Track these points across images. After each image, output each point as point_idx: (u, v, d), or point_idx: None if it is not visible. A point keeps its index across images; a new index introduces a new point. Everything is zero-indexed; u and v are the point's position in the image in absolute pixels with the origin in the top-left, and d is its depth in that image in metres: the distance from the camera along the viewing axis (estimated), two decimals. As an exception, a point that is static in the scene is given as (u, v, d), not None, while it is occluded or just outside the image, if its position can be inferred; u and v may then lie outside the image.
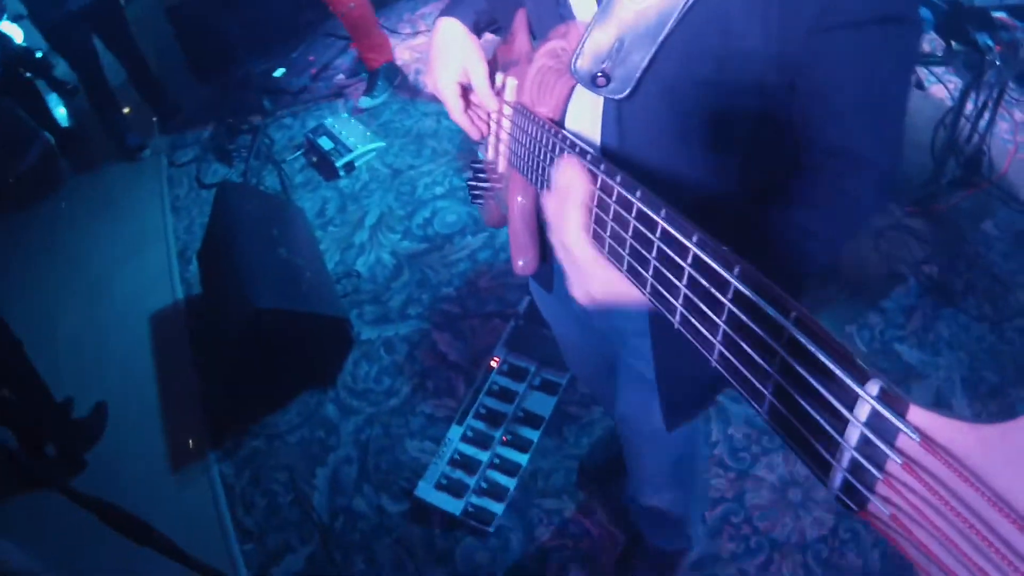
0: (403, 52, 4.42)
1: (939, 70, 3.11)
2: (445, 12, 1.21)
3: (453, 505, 2.40)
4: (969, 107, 2.53)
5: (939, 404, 2.37)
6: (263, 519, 2.49)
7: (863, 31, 0.83)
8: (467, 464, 2.49)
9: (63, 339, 3.32)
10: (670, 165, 1.00)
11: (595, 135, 1.03)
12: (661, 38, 0.87)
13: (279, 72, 4.32)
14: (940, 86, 3.16)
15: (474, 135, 1.26)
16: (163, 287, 3.41)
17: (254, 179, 3.79)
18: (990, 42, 2.11)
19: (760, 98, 0.92)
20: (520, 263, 1.29)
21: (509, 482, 2.43)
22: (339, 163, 3.71)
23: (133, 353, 3.15)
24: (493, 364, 2.74)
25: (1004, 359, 2.44)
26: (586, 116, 1.03)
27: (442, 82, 1.19)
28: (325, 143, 3.80)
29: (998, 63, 2.11)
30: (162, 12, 4.44)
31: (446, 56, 1.19)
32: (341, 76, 4.31)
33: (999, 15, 2.14)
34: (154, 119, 4.45)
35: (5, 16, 4.13)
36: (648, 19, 0.87)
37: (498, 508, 2.37)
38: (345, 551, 2.37)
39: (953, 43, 2.20)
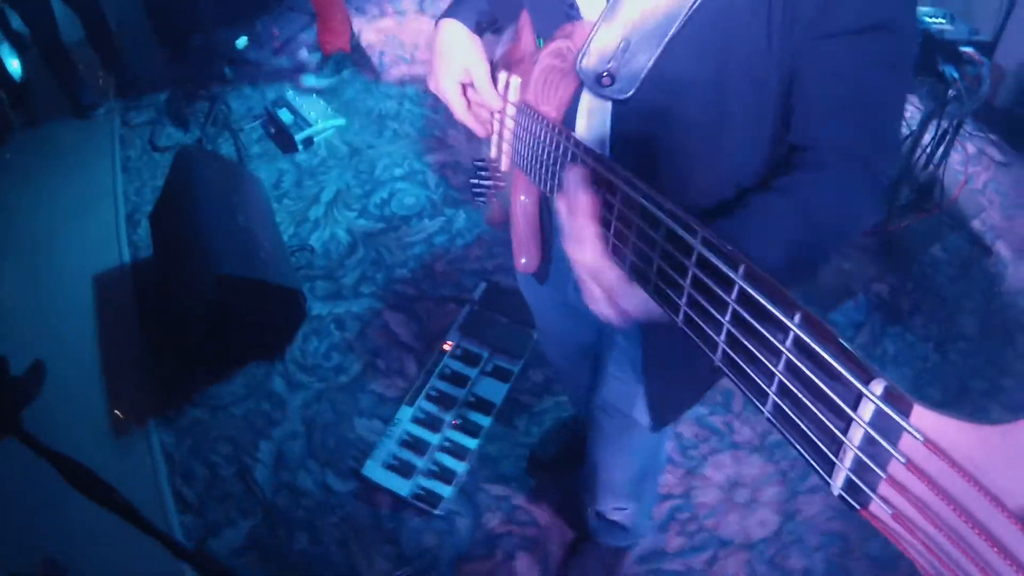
0: (369, 33, 4.37)
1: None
2: (446, 14, 1.21)
3: (401, 486, 2.38)
4: (926, 137, 2.64)
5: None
6: (203, 490, 2.43)
7: (862, 38, 0.85)
8: (417, 445, 2.47)
9: (0, 296, 3.17)
10: (674, 164, 1.01)
11: (599, 135, 1.03)
12: (667, 38, 0.88)
13: (242, 41, 4.21)
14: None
15: (480, 133, 1.26)
16: (109, 248, 3.29)
17: (209, 145, 3.69)
18: (956, 75, 2.19)
19: (762, 97, 0.93)
20: (523, 261, 1.31)
21: (458, 466, 2.42)
22: (298, 137, 3.65)
23: (74, 314, 3.02)
24: (446, 347, 2.74)
25: (947, 378, 2.54)
26: (590, 116, 1.04)
27: (444, 82, 1.20)
28: (285, 116, 3.73)
29: (962, 95, 2.20)
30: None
31: (448, 57, 1.19)
32: (304, 51, 4.23)
33: (966, 50, 2.23)
34: (109, 80, 4.28)
35: None
36: (655, 19, 0.88)
37: (447, 491, 2.36)
38: (288, 527, 2.32)
39: (920, 74, 2.29)
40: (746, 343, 0.52)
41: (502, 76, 1.20)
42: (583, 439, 2.16)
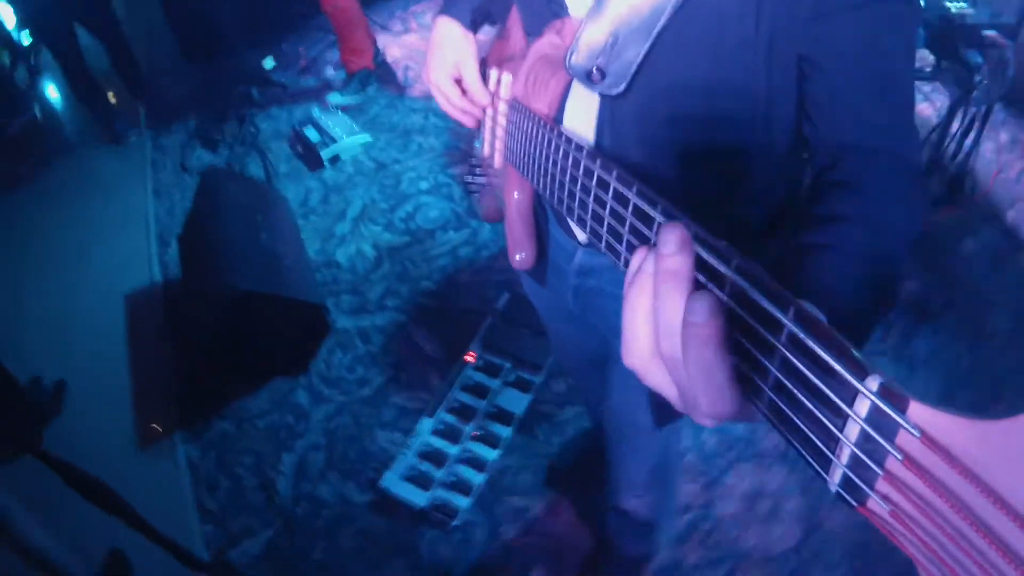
0: (393, 49, 4.43)
1: (926, 88, 3.14)
2: (443, 11, 1.23)
3: (419, 497, 2.37)
4: (955, 126, 2.56)
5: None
6: (226, 501, 2.46)
7: (864, 11, 0.83)
8: (436, 457, 2.46)
9: (35, 315, 3.26)
10: (666, 160, 1.00)
11: (590, 130, 1.03)
12: (655, 32, 0.87)
13: (268, 62, 4.30)
14: (927, 104, 3.19)
15: (467, 123, 1.27)
16: (141, 268, 3.37)
17: (238, 166, 3.76)
18: (980, 60, 2.12)
19: (754, 88, 0.91)
20: (517, 257, 1.31)
21: (477, 477, 2.41)
22: (325, 154, 3.70)
23: (106, 332, 3.10)
24: (468, 359, 2.73)
25: (979, 378, 2.45)
26: (581, 111, 1.03)
27: (434, 76, 1.21)
28: (312, 134, 3.79)
29: (986, 81, 2.13)
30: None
31: (440, 52, 1.21)
32: (330, 69, 4.30)
33: (990, 33, 2.16)
34: (140, 106, 4.41)
35: None
36: (642, 13, 0.87)
37: (464, 503, 2.35)
38: (306, 537, 2.33)
39: (943, 60, 2.22)
40: (740, 339, 0.51)
41: (493, 73, 1.20)
42: (603, 448, 2.14)
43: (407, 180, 3.62)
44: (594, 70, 0.91)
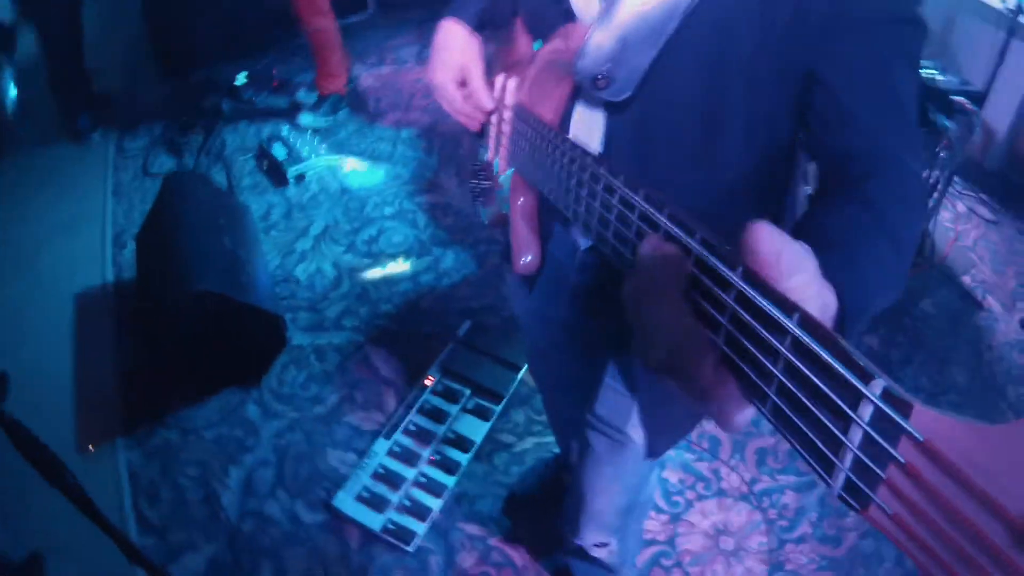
0: (367, 79, 4.44)
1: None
2: (448, 14, 1.23)
3: (373, 519, 2.30)
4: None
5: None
6: (168, 513, 2.34)
7: (872, 31, 0.86)
8: (391, 479, 2.40)
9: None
10: (670, 166, 1.01)
11: (596, 136, 1.03)
12: (663, 40, 0.88)
13: (240, 77, 4.25)
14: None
15: (470, 126, 1.27)
16: (94, 268, 3.24)
17: (203, 174, 3.69)
18: (947, 124, 2.24)
19: (758, 97, 0.93)
20: (522, 261, 1.29)
21: (433, 502, 2.35)
22: (290, 171, 3.66)
23: (53, 331, 2.96)
24: (427, 382, 2.69)
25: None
26: (587, 117, 1.04)
27: (438, 78, 1.21)
28: (279, 151, 3.74)
29: (954, 144, 2.24)
30: (137, 5, 4.34)
31: (444, 54, 1.20)
32: (303, 91, 4.28)
33: (958, 98, 2.28)
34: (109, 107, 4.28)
35: None
36: (651, 21, 0.88)
37: (420, 528, 2.29)
38: (252, 556, 2.23)
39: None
40: (745, 344, 0.51)
41: (499, 78, 1.20)
42: (563, 480, 2.10)
43: (372, 204, 3.59)
44: (600, 76, 0.92)
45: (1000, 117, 3.32)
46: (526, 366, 2.66)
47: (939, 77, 2.32)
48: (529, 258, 1.28)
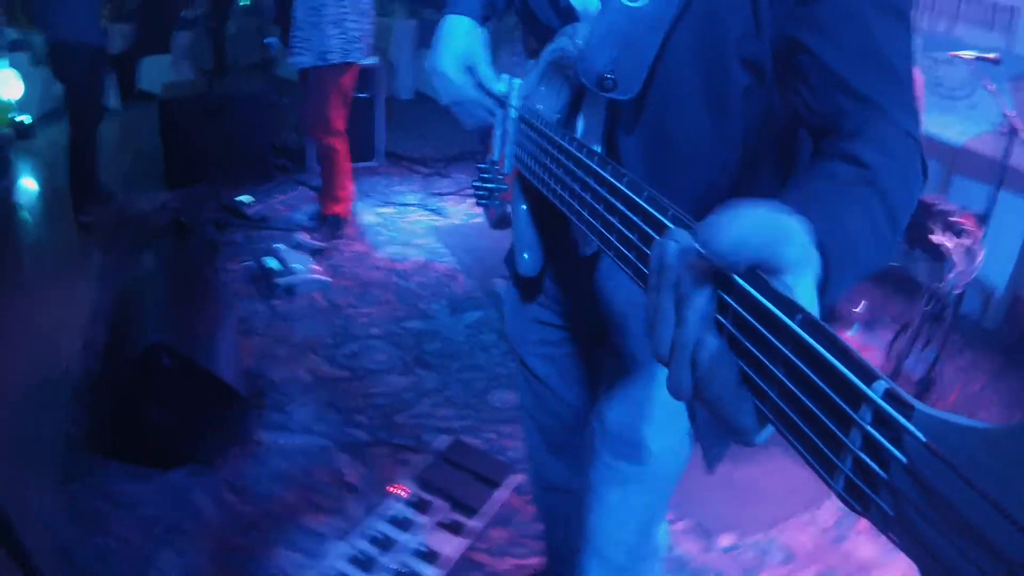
0: (369, 215, 4.51)
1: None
2: (449, 10, 1.24)
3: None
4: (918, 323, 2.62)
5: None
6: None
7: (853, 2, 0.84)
8: (346, 585, 2.10)
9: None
10: (674, 160, 1.00)
11: (599, 135, 1.03)
12: (662, 36, 0.90)
13: (246, 198, 4.32)
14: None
15: (473, 118, 1.26)
16: (65, 339, 3.04)
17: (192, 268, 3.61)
18: (950, 244, 2.25)
19: (760, 83, 0.93)
20: (525, 256, 1.27)
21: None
22: (281, 282, 3.59)
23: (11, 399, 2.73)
24: (399, 492, 2.45)
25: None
26: (592, 117, 1.04)
27: (443, 63, 1.19)
28: (271, 263, 3.70)
29: (957, 268, 2.24)
30: (153, 124, 4.49)
31: (450, 41, 1.20)
32: (304, 217, 4.32)
33: (959, 218, 2.31)
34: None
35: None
36: (648, 19, 0.90)
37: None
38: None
39: (914, 248, 2.35)
40: (747, 345, 0.51)
41: (504, 78, 1.21)
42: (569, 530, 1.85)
43: (359, 324, 3.50)
44: (607, 77, 0.92)
45: (997, 275, 3.39)
46: (510, 486, 2.46)
47: (941, 198, 2.37)
48: (530, 255, 1.26)
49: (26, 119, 5.43)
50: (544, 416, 1.62)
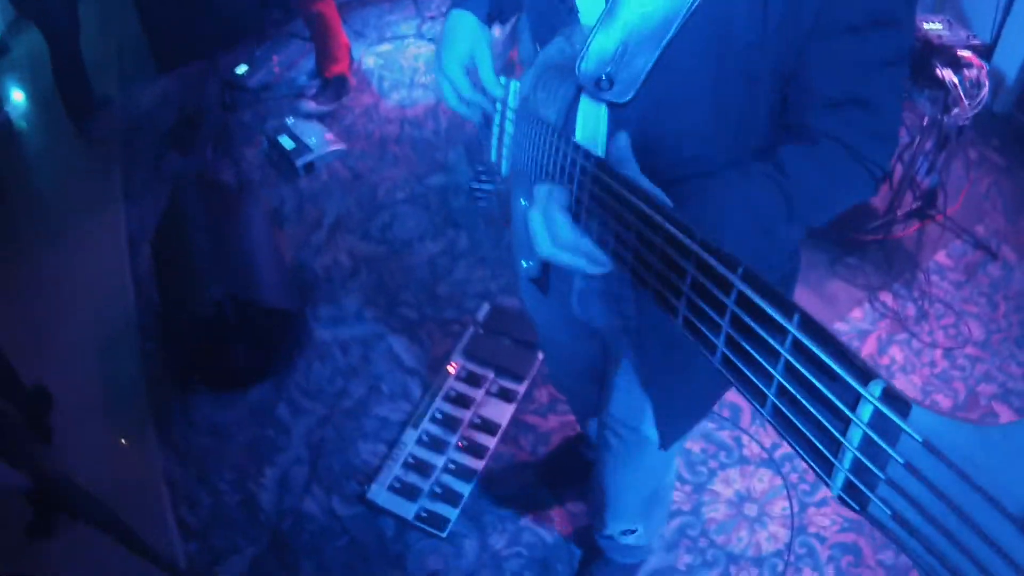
0: (368, 58, 4.40)
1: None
2: (456, 5, 1.22)
3: (406, 509, 2.36)
4: (929, 143, 2.64)
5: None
6: (208, 517, 2.41)
7: (862, 35, 0.86)
8: (421, 468, 2.46)
9: (7, 323, 3.16)
10: (670, 165, 1.00)
11: (599, 137, 1.04)
12: (665, 41, 0.88)
13: (242, 69, 4.24)
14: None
15: (472, 117, 1.26)
16: (113, 275, 3.29)
17: (211, 172, 3.70)
18: (955, 80, 2.20)
19: (755, 95, 0.95)
20: (524, 264, 1.32)
21: (464, 487, 2.41)
22: (299, 162, 3.66)
23: (78, 343, 3.02)
24: (450, 369, 2.72)
25: (956, 385, 2.53)
26: (590, 119, 1.04)
27: (446, 63, 1.20)
28: (286, 142, 3.74)
29: (962, 101, 2.20)
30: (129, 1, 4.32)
31: (453, 40, 1.20)
32: (304, 77, 4.26)
33: (964, 53, 2.23)
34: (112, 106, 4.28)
35: None
36: (653, 22, 0.88)
37: (452, 513, 2.34)
38: (294, 553, 2.31)
39: (919, 80, 2.29)
40: (745, 345, 0.52)
41: (502, 79, 1.20)
42: (589, 457, 2.15)
43: (383, 190, 3.60)
44: (603, 78, 0.92)
45: (1008, 61, 3.26)
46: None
47: (945, 33, 2.27)
48: (530, 263, 1.30)
49: None
50: (564, 364, 1.81)
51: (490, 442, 2.52)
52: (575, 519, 2.31)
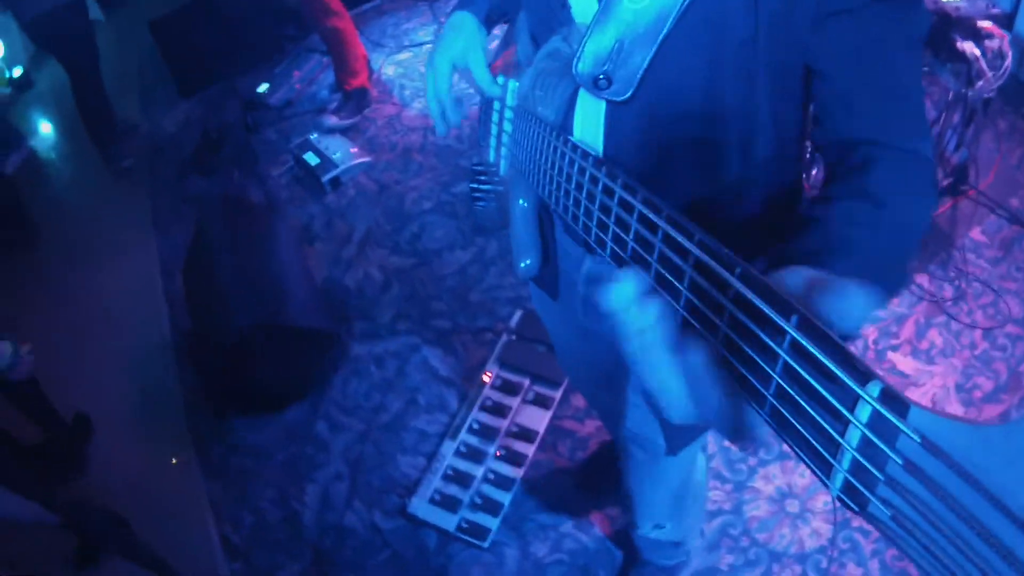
0: (388, 68, 4.42)
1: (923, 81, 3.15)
2: (458, 7, 1.23)
3: (447, 520, 2.36)
4: (955, 118, 2.57)
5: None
6: (252, 536, 2.44)
7: (864, 15, 0.84)
8: (460, 479, 2.46)
9: (45, 355, 3.24)
10: (672, 164, 1.00)
11: (598, 137, 1.02)
12: (660, 38, 0.87)
13: (263, 87, 4.29)
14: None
15: (438, 126, 1.25)
16: (148, 303, 3.35)
17: (238, 194, 3.75)
18: (977, 52, 2.14)
19: (752, 91, 0.92)
20: (522, 264, 1.29)
21: (503, 496, 2.40)
22: (325, 179, 3.69)
23: (117, 371, 3.08)
24: (486, 379, 2.72)
25: (997, 365, 2.46)
26: (589, 118, 1.02)
27: (437, 59, 1.20)
28: (311, 158, 3.77)
29: (985, 72, 2.14)
30: (145, 27, 4.40)
31: (450, 39, 1.20)
32: (325, 91, 4.30)
33: (985, 24, 2.17)
34: (136, 135, 4.37)
35: None
36: (647, 19, 0.87)
37: (493, 523, 2.34)
38: (337, 569, 2.32)
39: (940, 54, 2.23)
40: (742, 346, 0.51)
41: (500, 80, 1.20)
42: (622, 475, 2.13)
43: (410, 200, 3.61)
44: (600, 77, 0.92)
45: None
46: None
47: (962, 3, 2.20)
48: (528, 262, 1.28)
49: (18, 71, 5.25)
50: (581, 369, 1.80)
51: (528, 450, 2.52)
52: (615, 522, 2.29)
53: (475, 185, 1.41)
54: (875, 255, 0.76)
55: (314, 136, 3.92)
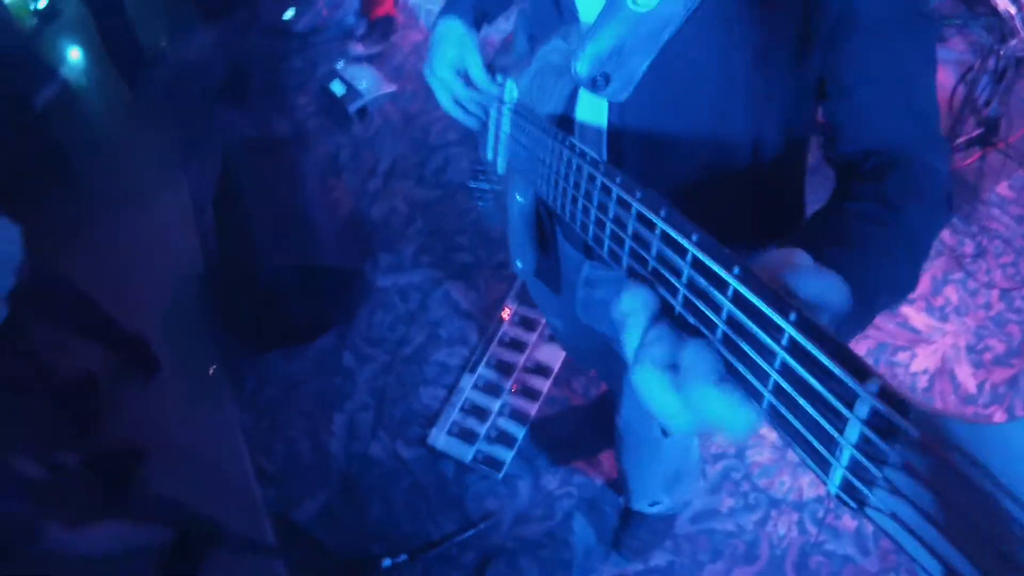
0: (414, -8, 4.35)
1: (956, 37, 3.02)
2: (443, 12, 1.23)
3: (464, 452, 2.49)
4: (990, 65, 2.48)
5: (942, 371, 2.42)
6: (283, 464, 2.61)
7: (883, 30, 0.84)
8: (478, 412, 2.57)
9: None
10: (673, 164, 1.02)
11: (598, 136, 1.04)
12: (662, 42, 0.88)
13: (289, 13, 4.26)
14: (960, 38, 3.07)
15: (468, 123, 1.27)
16: (180, 236, 3.46)
17: (263, 125, 3.79)
18: (1012, 9, 2.06)
19: (760, 100, 0.93)
20: (519, 264, 1.32)
21: (518, 430, 2.51)
22: (351, 108, 3.70)
23: (149, 304, 3.20)
24: (504, 314, 2.80)
25: (1011, 328, 2.46)
26: (589, 117, 1.04)
27: (437, 69, 1.21)
28: (337, 88, 3.78)
29: (1021, 31, 2.06)
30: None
31: (443, 47, 1.21)
32: (351, 18, 4.26)
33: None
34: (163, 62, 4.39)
35: None
36: (650, 23, 0.87)
37: (507, 455, 2.46)
38: (362, 496, 2.48)
39: (975, 8, 2.15)
40: (741, 344, 0.52)
41: (498, 78, 1.21)
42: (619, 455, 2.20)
43: (435, 131, 3.62)
44: (599, 76, 0.92)
45: None
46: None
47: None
48: (522, 264, 1.31)
49: (43, 1, 5.10)
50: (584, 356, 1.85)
51: (543, 385, 2.61)
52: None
53: (475, 184, 1.43)
54: (881, 253, 0.76)
55: (340, 65, 3.91)
